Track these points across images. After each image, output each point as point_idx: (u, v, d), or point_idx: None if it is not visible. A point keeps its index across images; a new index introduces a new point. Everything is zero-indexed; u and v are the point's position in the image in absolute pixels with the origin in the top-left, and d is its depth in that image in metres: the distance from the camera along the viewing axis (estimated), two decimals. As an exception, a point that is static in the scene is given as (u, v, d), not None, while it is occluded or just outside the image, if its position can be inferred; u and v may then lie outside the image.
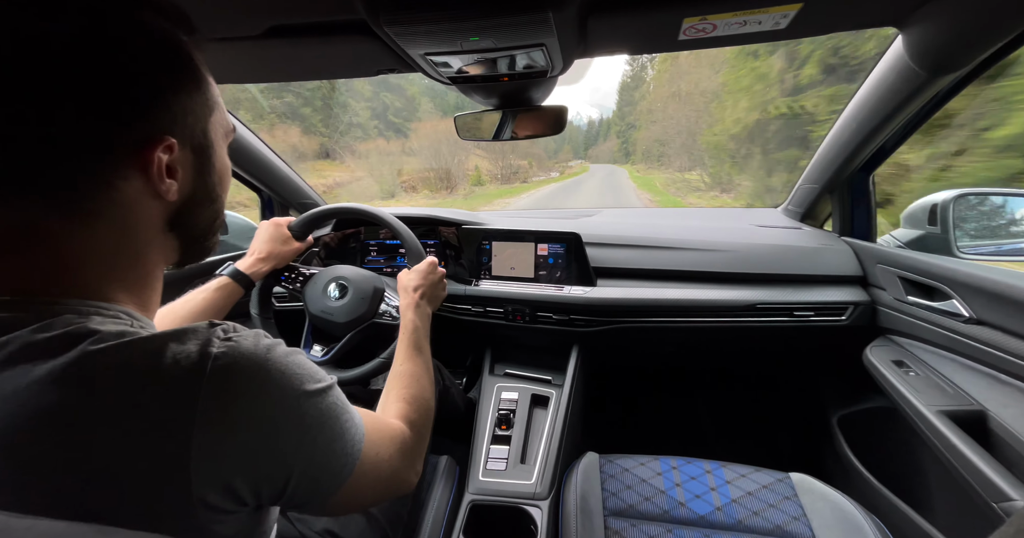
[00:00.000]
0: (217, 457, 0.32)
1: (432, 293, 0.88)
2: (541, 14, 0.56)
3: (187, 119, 0.39)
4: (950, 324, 0.85)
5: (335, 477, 0.41)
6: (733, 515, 0.82)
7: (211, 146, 0.43)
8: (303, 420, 0.37)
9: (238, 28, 0.66)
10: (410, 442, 0.55)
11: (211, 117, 0.42)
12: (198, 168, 0.42)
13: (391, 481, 0.50)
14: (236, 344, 0.35)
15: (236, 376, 0.34)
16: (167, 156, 0.37)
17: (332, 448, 0.40)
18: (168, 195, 0.38)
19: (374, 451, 0.46)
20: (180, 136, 0.38)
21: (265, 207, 1.47)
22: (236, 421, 0.33)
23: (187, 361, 0.32)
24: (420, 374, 0.70)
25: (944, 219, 1.01)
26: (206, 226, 0.45)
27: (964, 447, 0.69)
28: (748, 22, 0.64)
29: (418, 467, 0.56)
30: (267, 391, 0.35)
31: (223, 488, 0.33)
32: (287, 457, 0.36)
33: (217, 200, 0.45)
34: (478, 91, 0.88)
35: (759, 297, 1.08)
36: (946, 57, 0.73)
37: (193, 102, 0.40)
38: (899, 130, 0.96)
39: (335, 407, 0.41)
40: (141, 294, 0.41)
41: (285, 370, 0.37)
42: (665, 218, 1.58)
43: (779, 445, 1.50)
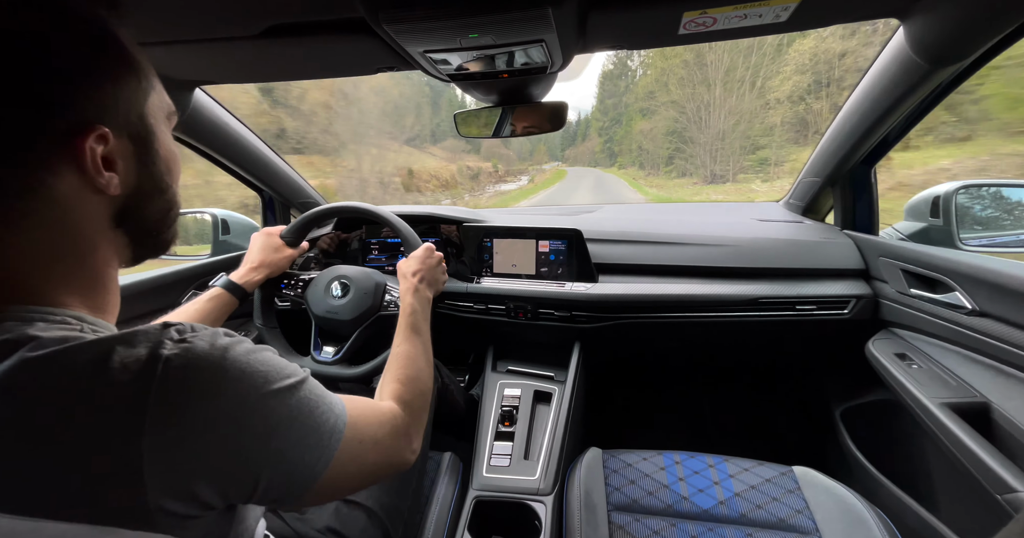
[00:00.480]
0: (173, 464, 0.31)
1: (431, 277, 0.88)
2: (540, 10, 0.55)
3: (119, 106, 0.36)
4: (953, 316, 0.85)
5: (309, 471, 0.40)
6: (736, 509, 0.82)
7: (151, 133, 0.40)
8: (268, 419, 0.36)
9: (237, 28, 0.66)
10: (402, 422, 0.54)
11: (148, 101, 0.40)
12: (140, 158, 0.39)
13: (380, 464, 0.49)
14: (190, 346, 0.33)
15: (190, 379, 0.32)
16: (101, 147, 0.35)
17: (304, 443, 0.39)
18: (109, 189, 0.36)
19: (356, 439, 0.45)
20: (113, 125, 0.36)
21: (266, 207, 1.47)
22: (191, 425, 0.31)
23: (135, 365, 0.31)
24: (416, 355, 0.70)
25: (947, 211, 1.01)
26: (158, 219, 0.43)
27: (968, 439, 0.69)
28: (748, 15, 0.63)
29: (415, 445, 0.56)
30: (225, 392, 0.33)
31: (183, 494, 0.32)
32: (253, 458, 0.35)
33: (167, 190, 0.43)
34: (477, 88, 0.88)
35: (761, 291, 1.08)
36: (948, 49, 0.73)
37: (124, 87, 0.37)
38: (901, 122, 0.96)
39: (307, 401, 0.40)
40: (93, 296, 0.39)
41: (246, 369, 0.35)
42: (666, 213, 1.57)
43: (782, 439, 1.50)
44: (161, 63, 0.81)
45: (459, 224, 1.29)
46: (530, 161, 77.06)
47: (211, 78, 0.93)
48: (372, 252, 1.42)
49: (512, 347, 1.31)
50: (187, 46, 0.73)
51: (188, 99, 0.98)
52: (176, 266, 1.18)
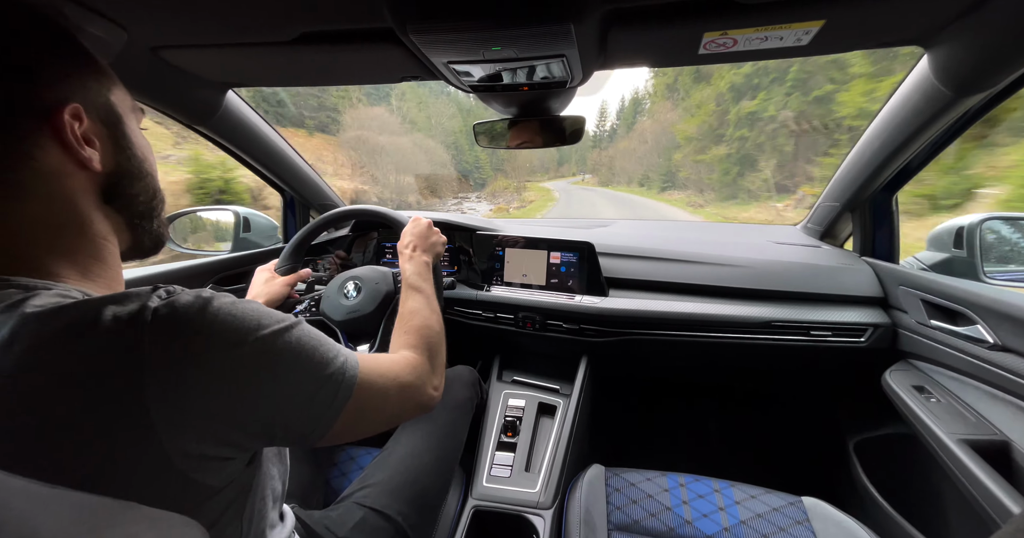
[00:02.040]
0: (180, 404, 0.32)
1: (424, 243, 0.89)
2: (563, 26, 0.57)
3: (87, 91, 0.41)
4: (974, 350, 0.82)
5: (329, 404, 0.42)
6: (741, 537, 0.80)
7: (120, 120, 0.44)
8: (267, 356, 0.37)
9: (270, 34, 0.69)
10: (417, 362, 0.58)
11: (110, 93, 0.44)
12: (114, 140, 0.43)
13: (403, 397, 0.52)
14: (176, 298, 0.35)
15: (179, 324, 0.33)
16: (77, 123, 0.39)
17: (315, 377, 0.41)
18: (92, 163, 0.40)
19: (375, 373, 0.48)
20: (85, 105, 0.40)
21: (287, 206, 1.51)
22: (189, 363, 0.33)
23: (126, 316, 0.32)
24: (419, 307, 0.73)
25: (971, 242, 0.98)
26: (146, 201, 0.46)
27: (986, 478, 0.66)
28: (769, 38, 0.64)
29: (435, 382, 0.60)
30: (218, 333, 0.35)
31: (199, 433, 0.33)
32: (263, 391, 0.37)
33: (147, 176, 0.46)
34: (498, 100, 0.89)
35: (775, 314, 1.06)
36: (973, 77, 0.72)
37: (87, 75, 0.41)
38: (924, 150, 0.95)
39: (306, 340, 0.41)
40: (93, 270, 0.41)
41: (236, 313, 0.37)
42: (681, 231, 1.57)
43: (792, 467, 1.45)
44: (196, 65, 0.85)
45: (472, 232, 1.30)
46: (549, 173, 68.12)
47: (244, 81, 0.97)
48: (386, 255, 1.44)
49: (519, 357, 1.31)
50: (222, 50, 0.76)
51: (221, 100, 1.02)
52: (195, 261, 1.22)
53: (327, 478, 0.92)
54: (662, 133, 38.97)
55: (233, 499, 0.38)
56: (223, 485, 0.37)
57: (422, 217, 0.96)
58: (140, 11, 0.65)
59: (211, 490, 0.35)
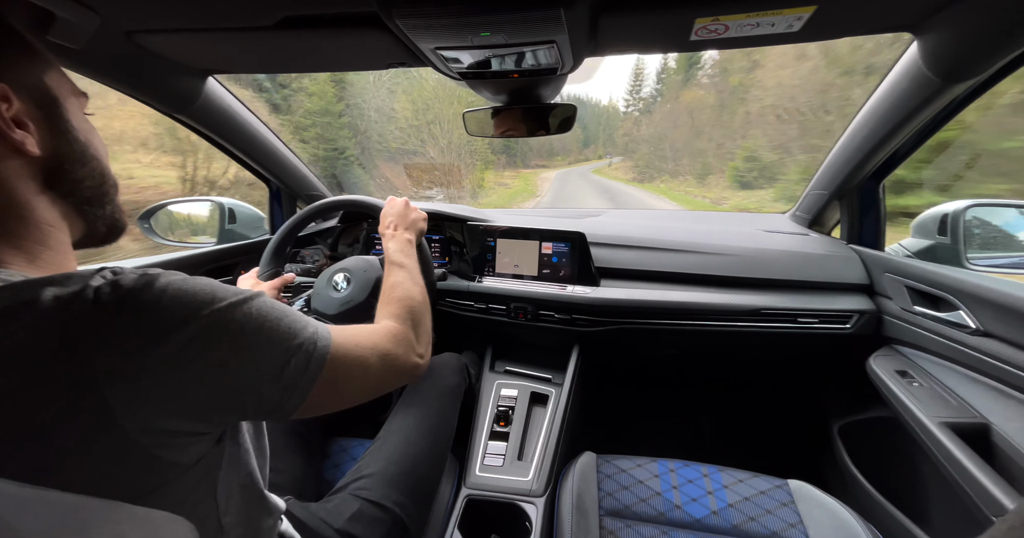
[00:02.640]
0: (134, 380, 0.31)
1: (403, 221, 0.89)
2: (553, 11, 0.56)
3: (16, 72, 0.39)
4: (956, 335, 0.84)
5: (301, 374, 0.41)
6: (729, 519, 0.82)
7: (56, 103, 0.42)
8: (230, 325, 0.36)
9: (251, 18, 0.67)
10: (399, 331, 0.58)
11: (46, 73, 0.42)
12: (51, 122, 0.41)
13: (385, 365, 0.52)
14: (120, 277, 0.34)
15: (123, 304, 0.32)
16: (5, 105, 0.37)
17: (282, 348, 0.40)
18: (26, 146, 0.38)
19: (351, 342, 0.48)
20: (13, 86, 0.38)
21: (273, 197, 1.48)
22: (138, 345, 0.32)
23: (68, 295, 0.31)
24: (401, 280, 0.73)
25: (954, 229, 1.00)
26: (93, 186, 0.45)
27: (966, 460, 0.68)
28: (761, 24, 0.63)
29: (420, 350, 0.59)
30: (169, 308, 0.34)
31: (162, 410, 0.32)
32: (227, 364, 0.36)
33: (91, 160, 0.45)
34: (488, 87, 0.88)
35: (763, 302, 1.08)
36: (962, 65, 0.72)
37: (16, 56, 0.40)
38: (912, 138, 0.95)
39: (268, 310, 0.40)
40: (40, 257, 0.40)
41: (184, 290, 0.35)
42: (671, 220, 1.57)
43: (778, 451, 1.49)
44: (176, 51, 0.82)
45: (463, 223, 1.29)
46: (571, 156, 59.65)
47: (224, 67, 0.94)
48: (375, 246, 1.42)
49: (511, 348, 1.31)
50: (202, 34, 0.74)
51: (201, 87, 0.99)
52: (182, 253, 1.19)
53: (320, 470, 0.92)
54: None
55: (204, 475, 0.38)
56: (192, 462, 0.36)
57: (396, 198, 0.95)
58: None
59: (180, 467, 0.35)
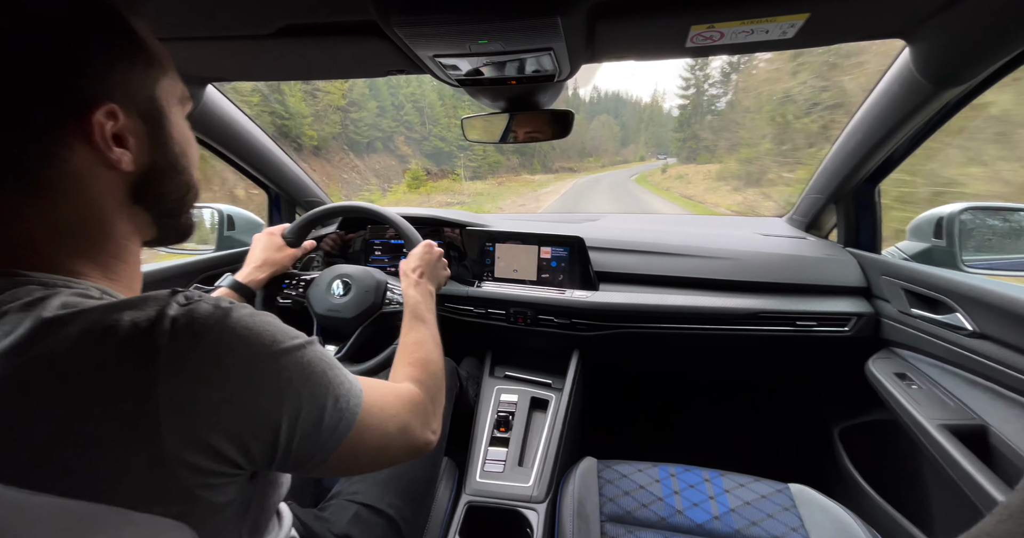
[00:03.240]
0: (189, 413, 0.31)
1: (431, 272, 0.89)
2: (550, 19, 0.56)
3: (129, 85, 0.38)
4: (953, 337, 0.84)
5: (332, 432, 0.40)
6: (731, 524, 0.81)
7: (163, 115, 0.41)
8: (280, 375, 0.36)
9: (250, 27, 0.67)
10: (420, 400, 0.55)
11: (159, 83, 0.41)
12: (153, 137, 0.41)
13: (402, 439, 0.49)
14: (197, 306, 0.34)
15: (198, 335, 0.33)
16: (111, 123, 0.36)
17: (322, 401, 0.39)
18: (122, 165, 0.38)
19: (377, 407, 0.45)
20: (123, 103, 0.37)
21: (272, 204, 1.48)
22: (204, 377, 0.32)
23: (145, 323, 0.32)
24: (424, 339, 0.70)
25: (950, 232, 1.01)
26: (177, 199, 0.44)
27: (965, 462, 0.68)
28: (755, 31, 0.64)
29: (433, 426, 0.56)
30: (233, 348, 0.34)
31: (202, 446, 0.32)
32: (270, 411, 0.35)
33: (183, 172, 0.44)
34: (486, 94, 0.88)
35: (762, 306, 1.08)
36: (953, 70, 0.73)
37: (133, 67, 0.39)
38: (906, 142, 0.96)
39: (318, 361, 0.40)
40: (114, 269, 0.40)
41: (252, 327, 0.36)
42: (669, 224, 1.58)
43: (779, 455, 1.49)
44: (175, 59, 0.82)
45: (462, 228, 1.29)
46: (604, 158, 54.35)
47: (223, 75, 0.94)
48: (375, 252, 1.42)
49: (511, 353, 1.31)
50: (200, 43, 0.74)
51: (200, 95, 0.99)
52: (180, 260, 1.19)
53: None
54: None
55: (236, 513, 0.38)
56: (228, 501, 0.36)
57: (435, 245, 0.94)
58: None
59: (216, 507, 0.34)
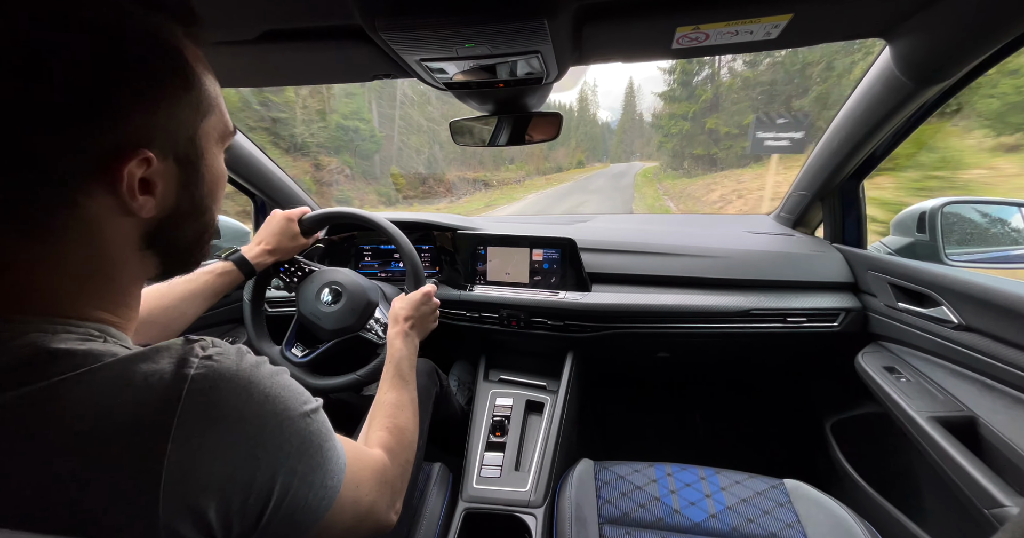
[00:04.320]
0: (191, 481, 0.30)
1: (422, 325, 0.87)
2: (536, 22, 0.56)
3: (170, 127, 0.35)
4: (940, 330, 0.86)
5: (314, 509, 0.38)
6: (728, 522, 0.82)
7: (200, 156, 0.38)
8: (283, 447, 0.35)
9: (232, 32, 0.66)
10: (390, 474, 0.52)
11: (203, 123, 0.38)
12: (183, 181, 0.37)
13: (368, 517, 0.46)
14: (216, 364, 0.32)
15: (217, 400, 0.31)
16: (142, 170, 0.33)
17: (311, 480, 0.37)
18: (142, 213, 0.35)
19: (354, 484, 0.43)
20: (161, 147, 0.34)
21: (258, 212, 1.46)
22: (215, 446, 0.31)
23: (160, 383, 0.30)
24: (404, 404, 0.68)
25: (932, 226, 1.03)
26: (192, 239, 0.41)
27: (955, 453, 0.69)
28: (740, 32, 0.65)
29: (398, 505, 0.53)
30: (250, 414, 0.33)
31: (193, 516, 0.30)
32: (265, 483, 0.34)
33: (206, 212, 0.41)
34: (473, 97, 0.88)
35: (752, 303, 1.09)
36: (933, 68, 0.75)
37: (179, 108, 0.35)
38: (888, 139, 0.98)
39: (318, 434, 0.38)
40: (117, 311, 0.38)
41: (270, 392, 0.34)
42: (659, 224, 1.59)
43: (773, 451, 1.50)
44: None
45: (453, 231, 1.29)
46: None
47: None
48: (364, 258, 1.41)
49: (504, 356, 1.30)
50: None
51: None
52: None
53: None
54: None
55: None
56: None
57: (433, 295, 0.91)
58: None
59: None
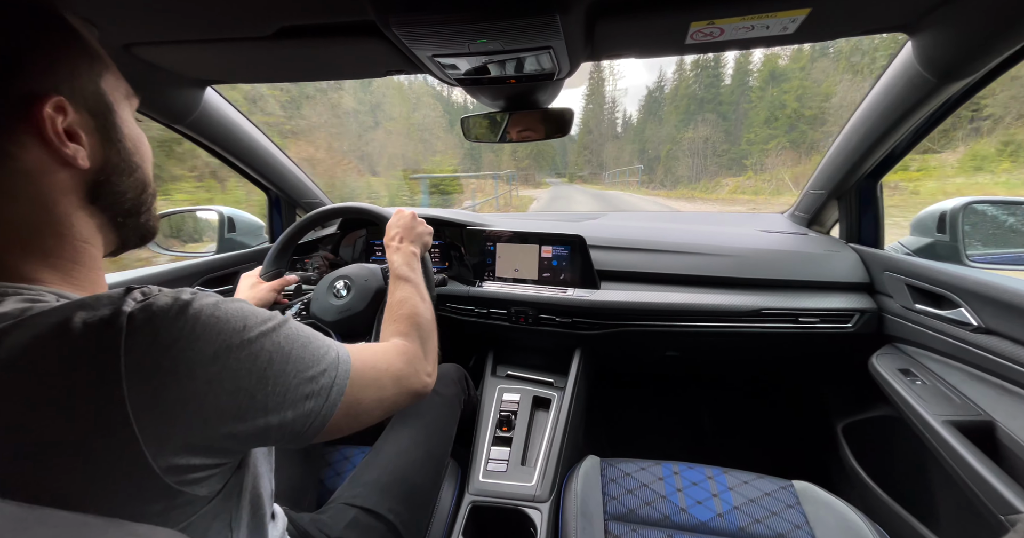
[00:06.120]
0: (163, 413, 0.30)
1: (409, 234, 0.88)
2: (549, 17, 0.56)
3: (73, 79, 0.37)
4: (958, 333, 0.84)
5: (324, 400, 0.41)
6: (735, 522, 0.81)
7: (111, 109, 0.41)
8: (259, 357, 0.36)
9: (249, 29, 0.67)
10: (409, 349, 0.58)
11: (103, 78, 0.40)
12: (103, 132, 0.40)
13: (398, 388, 0.52)
14: (153, 301, 0.33)
15: (160, 328, 0.31)
16: (61, 117, 0.36)
17: (308, 374, 0.39)
18: (77, 161, 0.37)
19: (368, 365, 0.48)
20: (70, 96, 0.37)
21: (272, 206, 1.49)
22: (172, 371, 0.31)
23: (99, 324, 0.30)
24: (407, 296, 0.72)
25: (953, 227, 1.00)
26: (134, 198, 0.43)
27: (971, 458, 0.68)
28: (756, 26, 0.63)
29: (429, 369, 0.59)
30: (201, 337, 0.33)
31: (186, 445, 0.32)
32: (255, 394, 0.35)
33: (137, 169, 0.43)
34: (485, 93, 0.88)
35: (764, 303, 1.08)
36: (955, 64, 0.72)
37: (75, 61, 0.38)
38: (908, 136, 0.96)
39: (296, 337, 0.40)
40: (73, 273, 0.39)
41: (219, 316, 0.35)
42: (670, 222, 1.57)
43: (782, 452, 1.48)
44: (173, 61, 0.82)
45: (463, 228, 1.29)
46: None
47: (222, 78, 0.94)
48: (376, 253, 1.42)
49: (512, 352, 1.31)
50: (199, 45, 0.74)
51: (199, 97, 0.99)
52: (181, 262, 1.19)
53: (321, 478, 0.91)
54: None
55: (223, 507, 0.38)
56: (213, 494, 0.35)
57: (405, 209, 0.94)
58: (113, 8, 0.62)
59: (201, 500, 0.34)
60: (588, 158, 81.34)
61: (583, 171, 77.41)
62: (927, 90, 0.80)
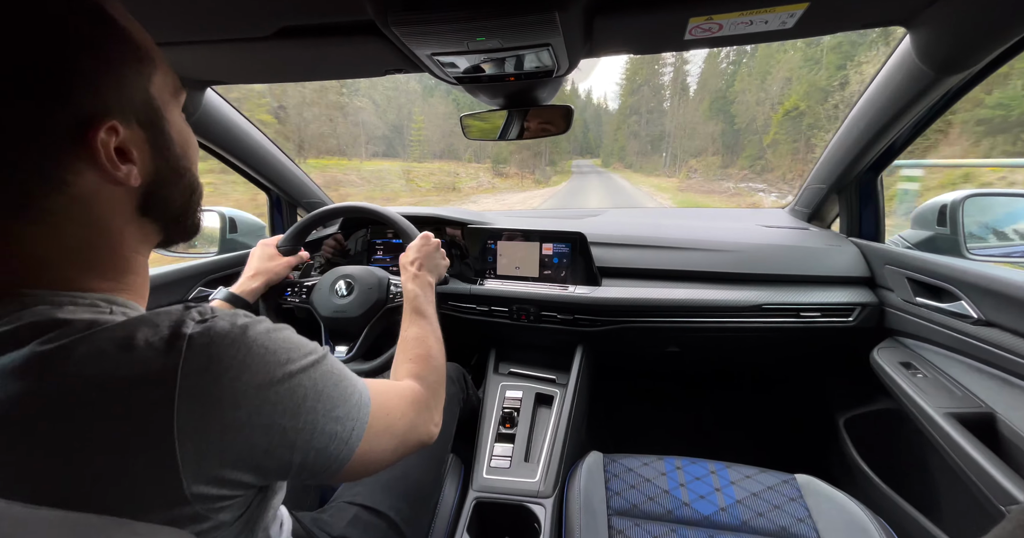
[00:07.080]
0: (205, 439, 0.31)
1: (429, 263, 0.88)
2: (547, 14, 0.56)
3: (123, 93, 0.35)
4: (959, 325, 0.84)
5: (345, 444, 0.41)
6: (738, 516, 0.82)
7: (160, 116, 0.39)
8: (295, 393, 0.36)
9: (248, 29, 0.68)
10: (422, 396, 0.57)
11: (152, 81, 0.38)
12: (154, 144, 0.38)
13: (408, 436, 0.51)
14: (212, 324, 0.34)
15: (215, 355, 0.32)
16: (113, 139, 0.34)
17: (335, 415, 0.40)
18: (129, 181, 0.36)
19: (384, 412, 0.47)
20: (120, 113, 0.35)
21: (273, 206, 1.49)
22: (220, 399, 0.32)
23: (161, 343, 0.31)
24: (424, 335, 0.71)
25: (953, 220, 1.00)
26: (183, 203, 0.43)
27: (972, 450, 0.68)
28: (754, 22, 0.64)
29: (436, 418, 0.58)
30: (249, 368, 0.34)
31: (217, 475, 0.32)
32: (287, 431, 0.36)
33: (186, 174, 0.43)
34: (484, 91, 0.88)
35: (765, 298, 1.08)
36: (954, 57, 0.73)
37: (123, 69, 0.35)
38: (908, 130, 0.96)
39: (331, 375, 0.41)
40: (123, 279, 0.39)
41: (268, 346, 0.36)
42: (670, 218, 1.57)
43: (785, 446, 1.49)
44: (173, 63, 0.82)
45: (463, 226, 1.29)
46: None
47: (222, 78, 0.94)
48: (377, 253, 1.42)
49: (514, 349, 1.31)
50: (199, 46, 0.74)
51: (199, 99, 0.99)
52: (183, 264, 1.19)
53: None
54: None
55: (243, 526, 0.38)
56: (234, 519, 0.36)
57: (432, 236, 0.94)
58: None
59: (224, 525, 0.35)
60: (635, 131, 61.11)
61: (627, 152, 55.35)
62: (926, 83, 0.80)
